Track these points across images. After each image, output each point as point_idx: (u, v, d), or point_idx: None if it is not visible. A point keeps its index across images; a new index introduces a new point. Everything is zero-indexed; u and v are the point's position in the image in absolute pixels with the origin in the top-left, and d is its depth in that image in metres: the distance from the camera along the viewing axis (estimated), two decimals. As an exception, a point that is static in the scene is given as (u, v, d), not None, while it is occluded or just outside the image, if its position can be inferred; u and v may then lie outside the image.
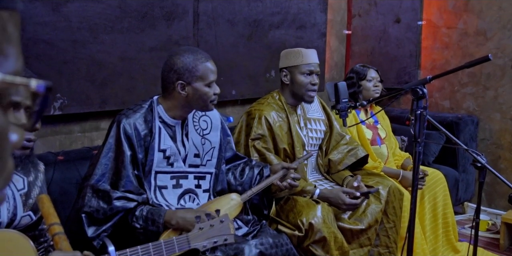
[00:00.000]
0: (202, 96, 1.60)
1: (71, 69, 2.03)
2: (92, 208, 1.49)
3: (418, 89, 1.58)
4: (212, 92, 1.61)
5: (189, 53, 1.59)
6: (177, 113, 1.66)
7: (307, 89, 2.11)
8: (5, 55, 0.37)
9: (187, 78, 1.57)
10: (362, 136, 2.51)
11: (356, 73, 2.63)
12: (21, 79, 0.36)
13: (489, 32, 3.13)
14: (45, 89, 0.36)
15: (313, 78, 2.11)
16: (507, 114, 3.11)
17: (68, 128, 2.16)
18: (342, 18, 3.60)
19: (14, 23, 0.38)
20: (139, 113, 1.61)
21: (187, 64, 1.57)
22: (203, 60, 1.59)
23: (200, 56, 1.59)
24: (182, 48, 1.66)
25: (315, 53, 2.16)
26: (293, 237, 1.79)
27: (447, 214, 2.57)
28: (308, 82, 2.10)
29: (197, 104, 1.63)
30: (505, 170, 3.13)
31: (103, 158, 1.55)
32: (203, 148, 1.74)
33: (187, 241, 1.32)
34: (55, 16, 1.94)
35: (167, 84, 1.62)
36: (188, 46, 1.69)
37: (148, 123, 1.61)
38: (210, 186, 1.77)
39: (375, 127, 2.65)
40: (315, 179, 2.24)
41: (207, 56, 1.62)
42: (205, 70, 1.58)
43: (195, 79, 1.58)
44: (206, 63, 1.59)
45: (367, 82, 2.60)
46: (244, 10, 2.73)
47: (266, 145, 2.06)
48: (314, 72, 2.12)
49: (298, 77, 2.11)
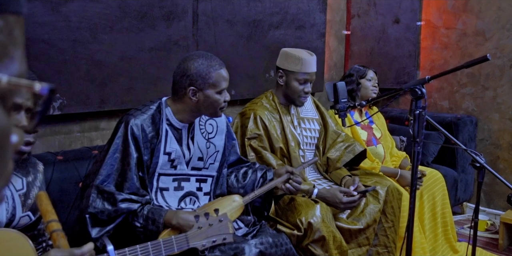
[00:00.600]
0: (213, 103, 1.60)
1: (70, 69, 2.03)
2: (97, 209, 1.49)
3: (417, 89, 1.59)
4: (223, 99, 1.61)
5: (203, 59, 1.58)
6: (185, 117, 1.66)
7: (298, 95, 2.15)
8: (10, 58, 0.38)
9: (200, 84, 1.57)
10: (357, 137, 2.51)
11: (357, 71, 2.65)
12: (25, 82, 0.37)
13: (488, 33, 3.14)
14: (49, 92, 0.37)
15: (307, 86, 2.14)
16: (506, 114, 3.12)
17: (67, 128, 2.16)
18: (341, 19, 3.60)
19: (19, 27, 0.39)
20: (146, 115, 1.61)
21: (201, 71, 1.56)
22: (217, 67, 1.58)
23: (214, 63, 1.58)
24: (197, 53, 1.64)
25: (314, 61, 2.15)
26: (292, 236, 1.80)
27: (445, 213, 2.57)
28: (301, 90, 2.13)
29: (207, 110, 1.63)
30: (504, 170, 3.13)
31: (109, 159, 1.54)
32: (208, 151, 1.74)
33: (186, 240, 1.33)
34: (55, 16, 1.94)
35: (178, 88, 1.61)
36: (203, 52, 1.66)
37: (155, 125, 1.61)
38: (211, 189, 1.78)
39: (370, 127, 2.66)
40: (314, 178, 2.25)
41: (221, 64, 1.61)
42: (218, 78, 1.58)
43: (207, 86, 1.57)
44: (219, 71, 1.58)
45: (367, 81, 2.61)
46: (243, 10, 2.73)
47: (262, 143, 2.07)
48: (309, 80, 2.14)
49: (293, 83, 2.13)
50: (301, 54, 2.12)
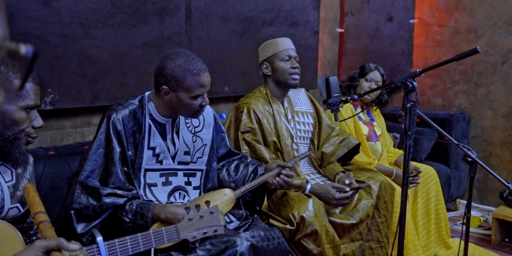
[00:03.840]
0: (186, 106, 1.56)
1: (62, 64, 2.02)
2: (82, 204, 1.48)
3: (408, 82, 1.59)
4: (198, 103, 1.56)
5: (183, 60, 1.51)
6: (166, 112, 1.64)
7: (289, 73, 2.15)
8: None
9: (173, 86, 1.53)
10: (358, 131, 2.53)
11: (362, 68, 2.66)
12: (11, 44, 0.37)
13: (480, 30, 3.15)
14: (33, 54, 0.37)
15: (293, 62, 2.15)
16: (498, 111, 3.13)
17: (59, 124, 2.15)
18: (335, 16, 3.61)
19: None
20: (128, 109, 1.60)
21: (176, 73, 1.51)
22: (194, 72, 1.51)
23: (193, 67, 1.51)
24: (180, 52, 1.56)
25: (289, 40, 2.21)
26: (285, 230, 1.79)
27: (439, 210, 2.58)
28: (288, 67, 2.14)
29: (181, 111, 1.60)
30: (496, 167, 3.15)
31: (93, 154, 1.54)
32: (194, 145, 1.73)
33: (176, 232, 1.32)
34: (46, 10, 1.93)
35: (155, 83, 1.59)
36: (183, 50, 1.58)
37: (138, 119, 1.60)
38: (201, 183, 1.77)
39: (371, 124, 2.67)
40: (308, 172, 2.24)
41: (200, 69, 1.52)
42: (193, 84, 1.51)
43: (181, 89, 1.52)
44: (196, 76, 1.51)
45: (365, 81, 2.61)
46: (236, 6, 2.73)
47: (255, 137, 2.06)
48: (292, 57, 2.15)
49: (278, 64, 2.15)
50: (274, 39, 2.20)
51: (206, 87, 1.55)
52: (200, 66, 1.53)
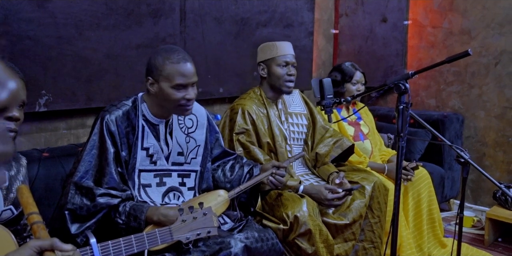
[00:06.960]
0: (168, 98, 1.56)
1: (56, 66, 2.02)
2: (76, 205, 1.48)
3: (400, 84, 1.61)
4: (181, 96, 1.56)
5: (164, 51, 1.57)
6: (159, 112, 1.65)
7: (284, 80, 2.15)
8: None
9: (155, 76, 1.56)
10: (344, 133, 2.54)
11: (343, 73, 2.63)
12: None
13: (474, 31, 3.18)
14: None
15: (289, 69, 2.15)
16: (492, 112, 3.16)
17: (53, 125, 2.14)
18: (330, 17, 3.63)
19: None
20: (122, 110, 1.61)
21: (157, 62, 1.55)
22: (174, 60, 1.54)
23: (173, 56, 1.54)
24: (165, 46, 1.64)
25: (290, 45, 2.20)
26: (278, 231, 1.80)
27: (432, 210, 2.59)
28: (284, 73, 2.14)
29: (166, 104, 1.59)
30: (489, 167, 3.17)
31: (86, 155, 1.55)
32: (188, 146, 1.74)
33: (169, 233, 1.32)
34: (40, 12, 1.93)
35: (145, 78, 1.62)
36: (171, 46, 1.64)
37: (131, 120, 1.61)
38: (195, 184, 1.78)
39: (357, 123, 2.68)
40: (302, 173, 2.25)
41: (182, 58, 1.55)
42: (172, 71, 1.53)
43: (162, 79, 1.55)
44: (175, 65, 1.53)
45: (352, 85, 2.61)
46: (231, 8, 2.74)
47: (250, 138, 2.07)
48: (290, 63, 2.15)
49: (275, 69, 2.15)
50: (274, 42, 2.19)
51: (187, 77, 1.54)
52: (183, 56, 1.56)
